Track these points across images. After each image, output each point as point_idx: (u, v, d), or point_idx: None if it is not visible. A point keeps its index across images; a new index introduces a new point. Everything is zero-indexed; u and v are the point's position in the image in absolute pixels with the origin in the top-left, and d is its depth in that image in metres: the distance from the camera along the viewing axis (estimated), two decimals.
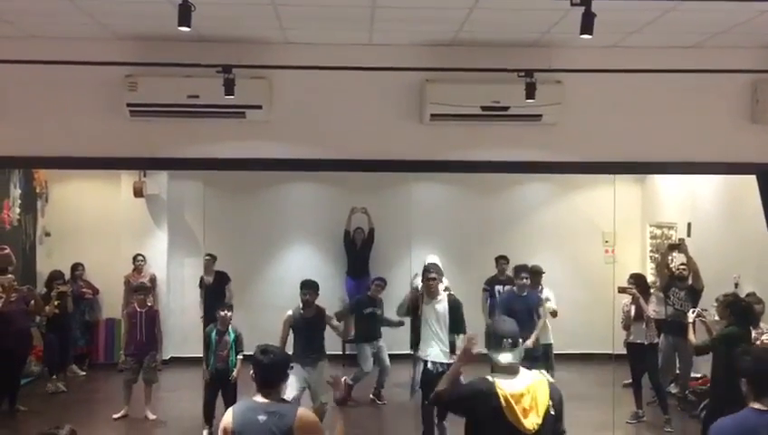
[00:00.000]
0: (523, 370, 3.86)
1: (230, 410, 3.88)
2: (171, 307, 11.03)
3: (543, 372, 3.92)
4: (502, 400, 3.71)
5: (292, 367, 7.24)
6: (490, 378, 3.82)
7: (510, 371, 3.82)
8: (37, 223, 10.98)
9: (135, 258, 10.58)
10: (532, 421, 3.69)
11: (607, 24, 4.90)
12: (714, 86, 6.02)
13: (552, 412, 3.78)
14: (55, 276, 9.56)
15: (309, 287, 7.29)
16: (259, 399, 3.82)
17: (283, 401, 3.89)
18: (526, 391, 3.74)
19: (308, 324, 7.28)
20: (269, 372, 3.82)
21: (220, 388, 7.62)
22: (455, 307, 7.18)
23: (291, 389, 7.24)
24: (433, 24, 5.51)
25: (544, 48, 5.93)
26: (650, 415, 8.49)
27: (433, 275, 7.18)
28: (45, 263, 10.78)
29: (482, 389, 3.78)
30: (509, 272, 9.92)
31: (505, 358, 3.82)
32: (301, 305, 7.30)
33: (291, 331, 7.38)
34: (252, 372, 3.88)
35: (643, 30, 5.50)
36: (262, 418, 3.72)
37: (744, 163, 6.19)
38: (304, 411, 3.86)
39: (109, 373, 9.24)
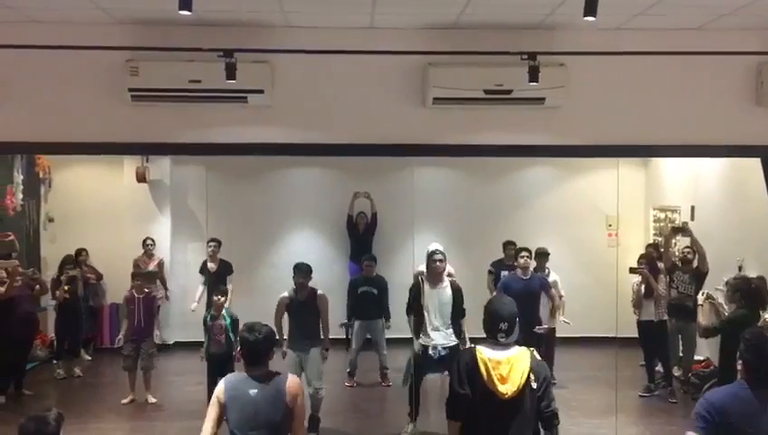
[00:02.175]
0: (514, 347, 3.95)
1: (223, 380, 4.01)
2: (174, 292, 11.07)
3: (533, 349, 4.00)
4: (480, 364, 3.83)
5: (284, 351, 7.17)
6: (473, 346, 3.99)
7: (500, 346, 3.92)
8: (40, 208, 11.00)
9: (144, 242, 10.54)
10: (507, 387, 3.79)
11: (611, 6, 4.86)
12: (718, 68, 5.98)
13: (534, 385, 3.83)
14: (66, 261, 9.58)
15: (300, 272, 7.25)
16: (251, 373, 3.96)
17: (272, 373, 4.00)
18: (506, 360, 3.84)
19: (302, 307, 7.25)
20: (256, 347, 3.96)
21: (218, 371, 7.66)
22: (458, 294, 7.11)
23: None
24: (435, 7, 5.46)
25: (548, 30, 5.88)
26: (654, 398, 8.53)
27: (440, 257, 7.02)
28: (49, 248, 10.82)
29: (467, 360, 3.93)
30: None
31: (501, 340, 3.93)
32: (294, 287, 7.29)
33: (286, 313, 7.33)
34: (239, 349, 3.99)
35: (647, 12, 5.45)
36: (253, 392, 3.87)
37: (748, 146, 6.15)
38: (291, 380, 4.02)
39: (113, 358, 9.28)
